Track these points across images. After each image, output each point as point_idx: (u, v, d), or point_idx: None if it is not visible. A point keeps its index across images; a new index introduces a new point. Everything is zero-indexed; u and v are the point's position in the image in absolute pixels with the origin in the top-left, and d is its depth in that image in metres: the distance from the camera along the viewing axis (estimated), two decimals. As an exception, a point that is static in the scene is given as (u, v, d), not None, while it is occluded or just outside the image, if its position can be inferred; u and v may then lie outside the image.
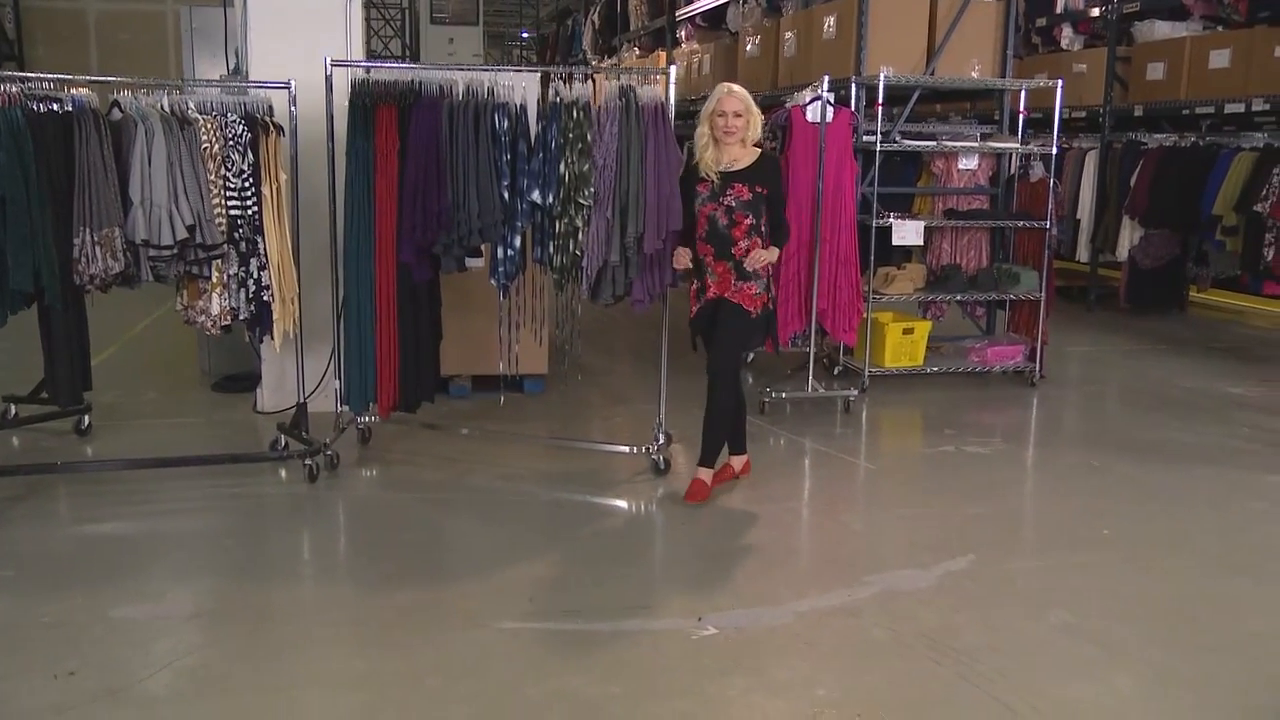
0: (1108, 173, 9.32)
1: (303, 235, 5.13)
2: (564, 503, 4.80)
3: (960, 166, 7.17)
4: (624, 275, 4.91)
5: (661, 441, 5.07)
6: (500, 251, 4.95)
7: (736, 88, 4.56)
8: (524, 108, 4.88)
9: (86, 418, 5.54)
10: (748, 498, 4.80)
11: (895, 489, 5.16)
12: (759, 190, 4.50)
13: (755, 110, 4.55)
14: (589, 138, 4.84)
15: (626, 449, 5.30)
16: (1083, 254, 9.69)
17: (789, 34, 7.94)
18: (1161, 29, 9.28)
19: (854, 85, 6.65)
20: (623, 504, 4.77)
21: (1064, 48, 10.27)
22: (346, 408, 5.19)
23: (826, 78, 6.05)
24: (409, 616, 3.63)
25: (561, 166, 4.86)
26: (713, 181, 4.52)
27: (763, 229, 4.57)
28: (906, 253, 7.48)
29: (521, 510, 4.65)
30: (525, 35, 22.60)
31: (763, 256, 4.51)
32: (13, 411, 5.58)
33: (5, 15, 13.64)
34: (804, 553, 4.32)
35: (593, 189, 4.86)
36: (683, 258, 4.60)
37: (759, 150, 4.63)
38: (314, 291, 5.32)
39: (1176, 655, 3.44)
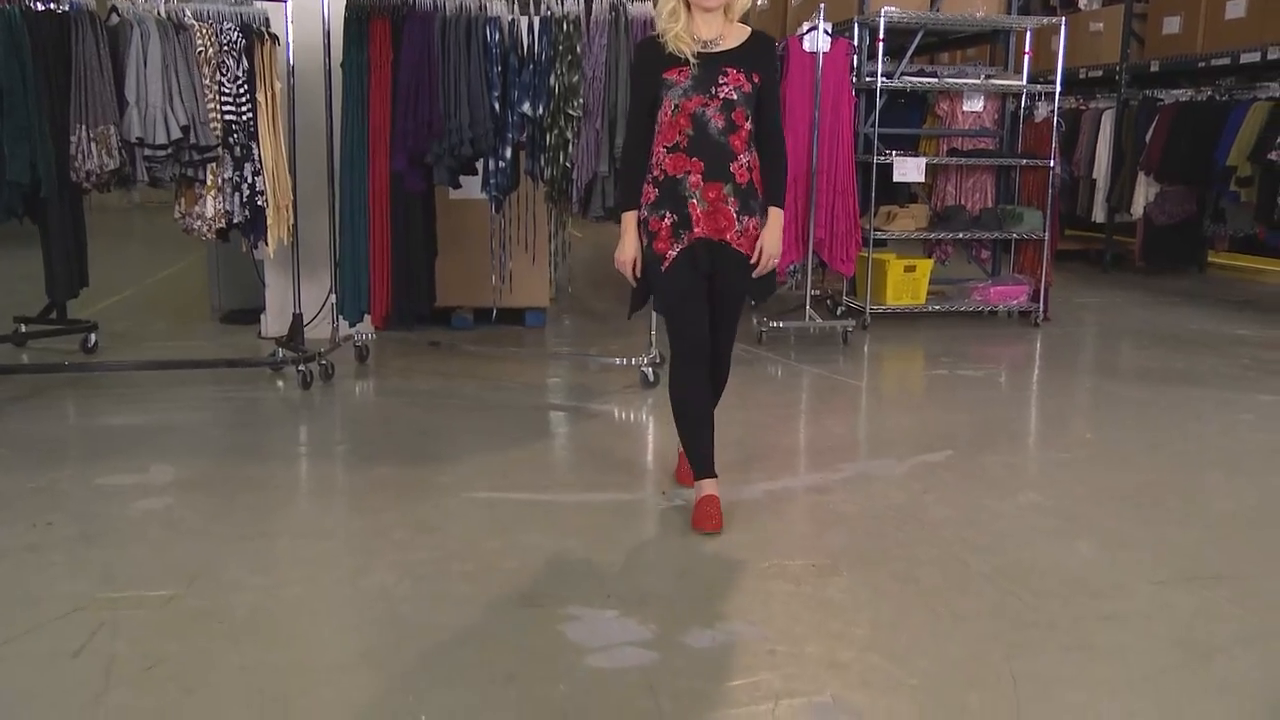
0: (1123, 131, 9.25)
1: (303, 157, 5.24)
2: (552, 407, 4.87)
3: (965, 109, 7.17)
4: (613, 187, 4.97)
5: (653, 354, 5.12)
6: (492, 164, 5.03)
7: None
8: (514, 22, 4.95)
9: (93, 336, 5.68)
10: (733, 405, 4.82)
11: (882, 401, 5.18)
12: (755, 81, 3.23)
13: None
14: (578, 49, 4.91)
15: (618, 361, 5.35)
16: (1099, 214, 9.61)
17: (797, -19, 7.96)
18: (1179, -18, 9.18)
19: (856, 25, 6.67)
20: (608, 409, 4.81)
21: (1081, 8, 10.20)
22: (343, 318, 5.28)
23: (823, 6, 6.08)
24: (383, 487, 3.71)
25: (551, 78, 4.94)
26: (692, 65, 3.18)
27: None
28: (912, 197, 7.49)
29: (509, 414, 4.71)
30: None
31: (773, 246, 3.30)
32: (23, 329, 5.73)
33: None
34: (782, 448, 4.34)
35: (582, 100, 4.93)
36: (628, 263, 3.34)
37: (748, 28, 3.33)
38: (315, 214, 5.40)
39: (1139, 528, 3.44)
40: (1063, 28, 6.77)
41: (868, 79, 6.56)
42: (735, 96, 3.20)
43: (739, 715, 2.31)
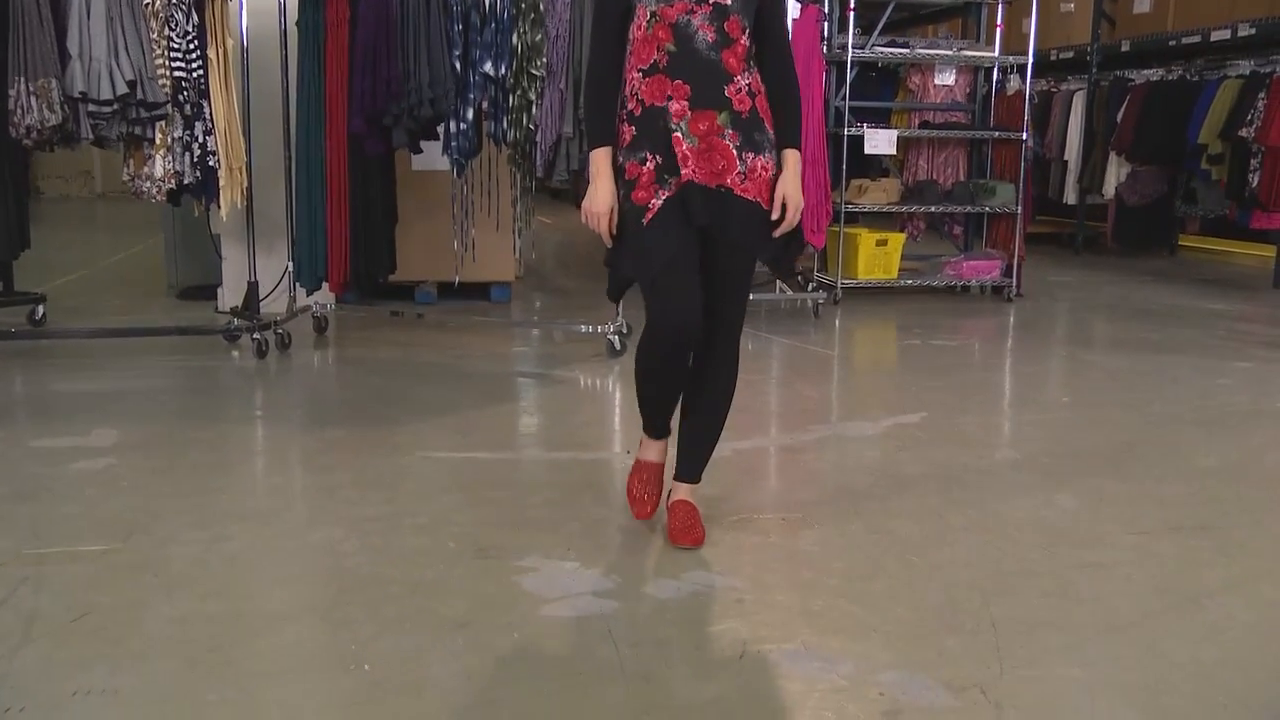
0: (1094, 112, 9.20)
1: (259, 124, 5.08)
2: (515, 374, 4.72)
3: (936, 82, 7.07)
4: (578, 149, 4.83)
5: (619, 322, 4.98)
6: (453, 125, 4.88)
7: None
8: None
9: (41, 308, 5.48)
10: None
11: (855, 369, 5.07)
12: None
13: None
14: (541, 7, 4.77)
15: (583, 328, 5.20)
16: (1070, 196, 9.56)
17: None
18: (1150, -38, 9.16)
19: (827, -4, 6.55)
20: (573, 376, 4.66)
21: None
22: (300, 286, 5.11)
23: (793, -28, 5.96)
24: (335, 446, 3.55)
25: (514, 37, 4.80)
26: None
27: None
28: (884, 171, 7.39)
29: (471, 381, 4.56)
30: None
31: (797, 196, 2.59)
32: (-34, 302, 5.53)
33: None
34: (751, 410, 4.20)
35: (545, 60, 4.79)
36: (602, 215, 2.59)
37: None
38: (272, 184, 5.24)
39: (1119, 483, 3.33)
40: (1034, 6, 6.67)
41: (838, 50, 6.45)
42: (729, 1, 2.52)
43: (704, 662, 2.17)
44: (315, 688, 2.04)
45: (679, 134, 2.51)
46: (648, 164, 2.54)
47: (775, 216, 2.57)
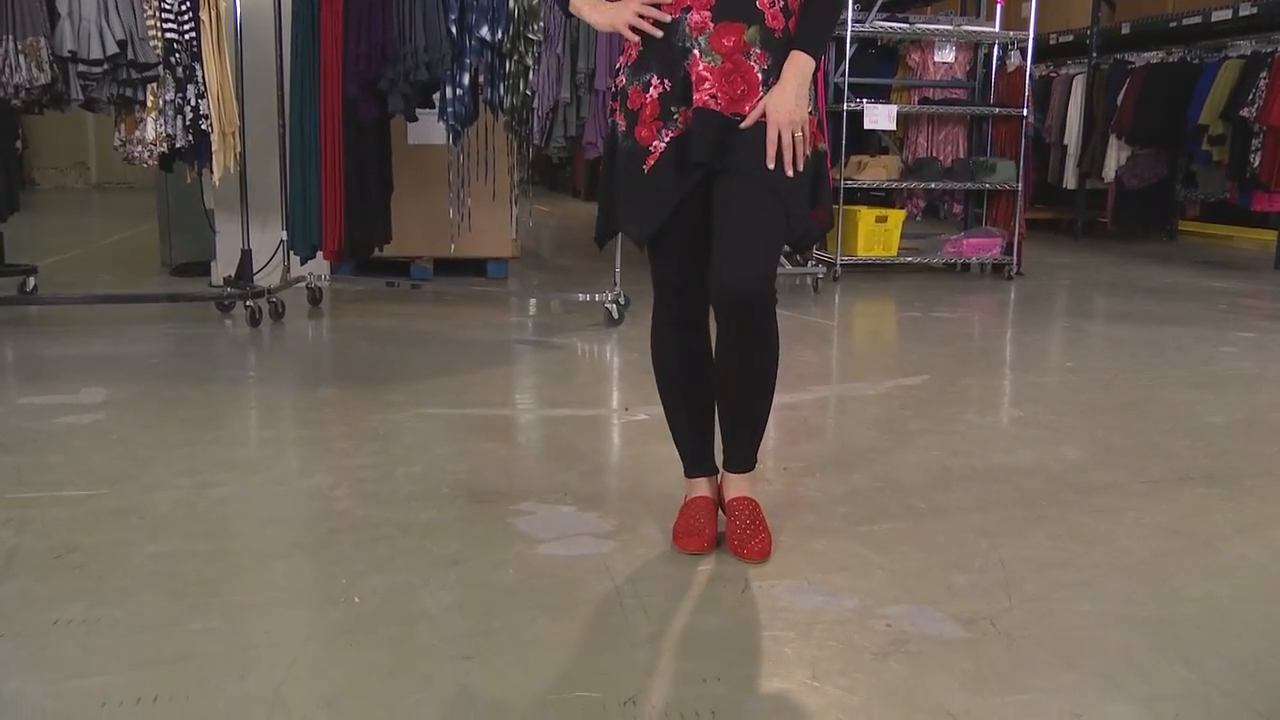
0: (1094, 95, 9.15)
1: (253, 94, 5.03)
2: (512, 341, 4.65)
3: (936, 59, 7.02)
4: (575, 116, 4.78)
5: (617, 291, 4.91)
6: (450, 91, 4.81)
7: None
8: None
9: (32, 280, 5.42)
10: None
11: (855, 338, 5.01)
12: None
13: None
14: (538, -30, 4.71)
15: (580, 297, 5.15)
16: (1070, 180, 9.50)
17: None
18: (1151, -57, 9.10)
19: (827, -30, 6.49)
20: (570, 343, 4.60)
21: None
22: (294, 254, 5.05)
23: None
24: (328, 403, 3.49)
25: (510, 1, 4.73)
26: None
27: None
28: (883, 150, 7.34)
29: (467, 347, 4.49)
30: None
31: (784, 108, 2.07)
32: (-44, 273, 5.47)
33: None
34: (752, 375, 4.15)
35: (542, 24, 4.73)
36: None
37: None
38: (267, 157, 5.19)
39: (1127, 437, 3.27)
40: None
41: (837, 25, 6.39)
42: None
43: (705, 596, 2.11)
44: (304, 618, 1.98)
45: (697, 51, 2.09)
46: (652, 90, 2.12)
47: (771, 139, 2.07)
